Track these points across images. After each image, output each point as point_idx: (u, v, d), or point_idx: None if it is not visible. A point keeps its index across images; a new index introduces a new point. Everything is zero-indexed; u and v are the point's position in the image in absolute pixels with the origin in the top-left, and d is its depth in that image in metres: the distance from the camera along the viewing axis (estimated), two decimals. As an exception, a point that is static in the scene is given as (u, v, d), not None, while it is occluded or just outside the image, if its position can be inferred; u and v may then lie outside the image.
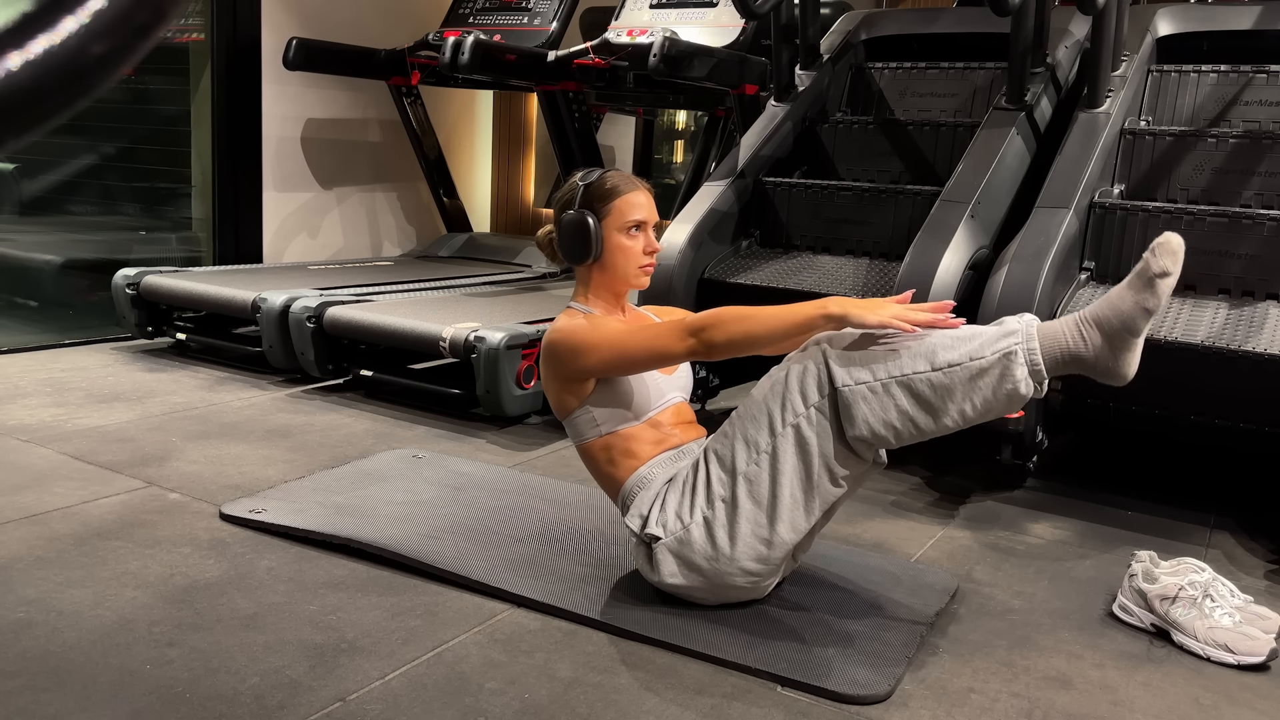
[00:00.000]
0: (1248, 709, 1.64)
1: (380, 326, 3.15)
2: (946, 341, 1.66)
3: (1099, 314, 1.66)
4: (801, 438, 1.70)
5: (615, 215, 1.88)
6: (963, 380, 1.63)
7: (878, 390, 1.65)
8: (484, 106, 5.71)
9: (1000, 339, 1.64)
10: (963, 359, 1.63)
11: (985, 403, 1.64)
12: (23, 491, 2.28)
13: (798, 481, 1.72)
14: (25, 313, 4.28)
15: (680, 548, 1.78)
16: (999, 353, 1.63)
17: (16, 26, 0.45)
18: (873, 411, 1.66)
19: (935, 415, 1.65)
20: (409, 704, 1.52)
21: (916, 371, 1.64)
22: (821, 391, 1.69)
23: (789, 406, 1.71)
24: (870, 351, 1.67)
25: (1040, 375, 1.64)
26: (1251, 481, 2.89)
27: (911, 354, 1.65)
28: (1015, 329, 1.65)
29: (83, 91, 0.47)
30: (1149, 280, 1.64)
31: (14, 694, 1.48)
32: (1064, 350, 1.65)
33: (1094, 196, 2.74)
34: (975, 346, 1.64)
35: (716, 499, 1.76)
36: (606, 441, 1.88)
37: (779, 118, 3.31)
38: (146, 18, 0.47)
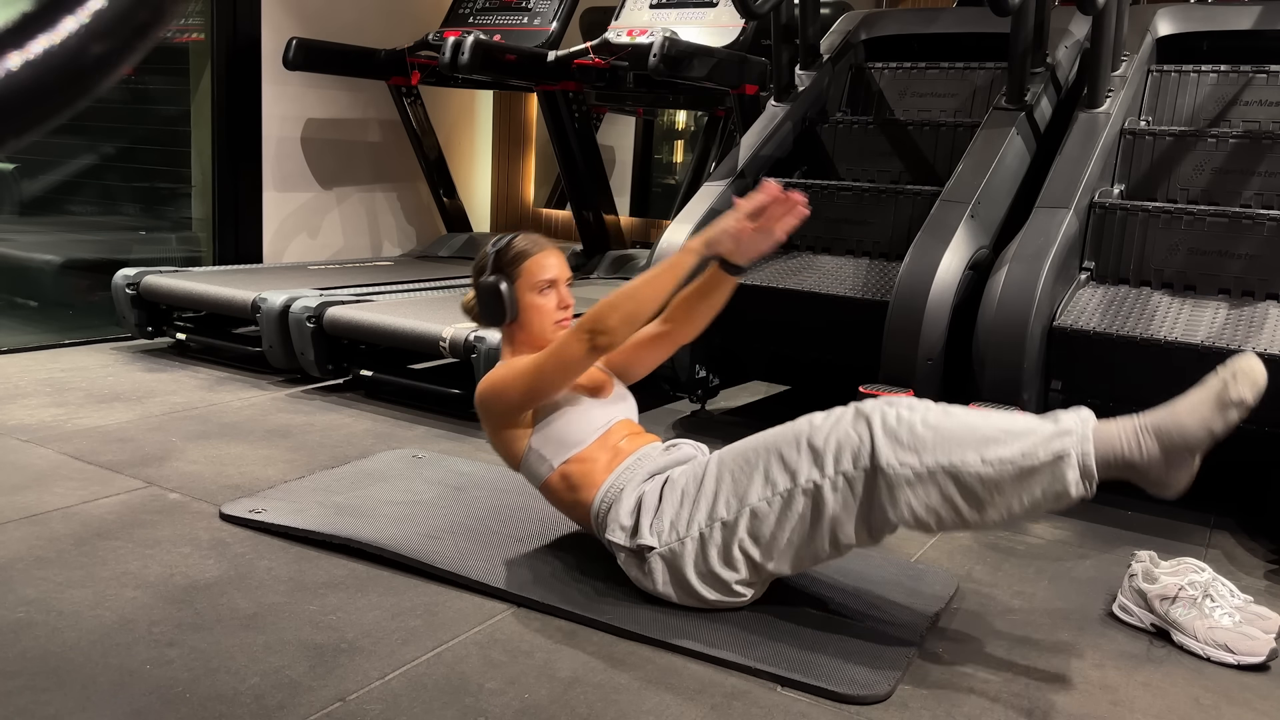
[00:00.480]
0: (1248, 709, 1.64)
1: (380, 326, 3.15)
2: (999, 435, 1.60)
3: (1161, 425, 1.58)
4: (820, 498, 1.68)
5: (526, 277, 1.97)
6: (1012, 477, 1.58)
7: (924, 477, 1.61)
8: (484, 106, 5.71)
9: (1055, 438, 1.58)
10: (1015, 456, 1.58)
11: (1033, 501, 1.60)
12: (23, 491, 2.28)
13: (801, 536, 1.71)
14: (25, 313, 4.28)
15: (672, 558, 1.79)
16: (1052, 453, 1.57)
17: (16, 26, 0.45)
18: (917, 497, 1.62)
19: (980, 509, 1.62)
20: (409, 704, 1.52)
21: (965, 462, 1.60)
22: (858, 464, 1.66)
23: (819, 464, 1.68)
24: (917, 434, 1.63)
25: (1092, 478, 1.58)
26: (1251, 482, 2.89)
27: (960, 442, 1.61)
28: (1071, 429, 1.59)
29: (83, 91, 0.47)
30: (1224, 405, 1.56)
31: (14, 694, 1.48)
32: (1118, 456, 1.58)
33: (1094, 196, 2.74)
34: (1029, 445, 1.58)
35: (718, 520, 1.76)
36: (562, 472, 1.92)
37: (779, 118, 3.31)
38: (146, 18, 0.47)
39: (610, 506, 1.87)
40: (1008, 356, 2.41)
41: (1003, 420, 1.63)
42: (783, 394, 3.64)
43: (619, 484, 1.89)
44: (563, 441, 1.92)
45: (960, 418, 1.65)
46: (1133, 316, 2.46)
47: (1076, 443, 1.57)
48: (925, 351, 2.51)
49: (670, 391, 3.18)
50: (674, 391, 3.18)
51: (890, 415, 1.66)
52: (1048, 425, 1.61)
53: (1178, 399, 1.61)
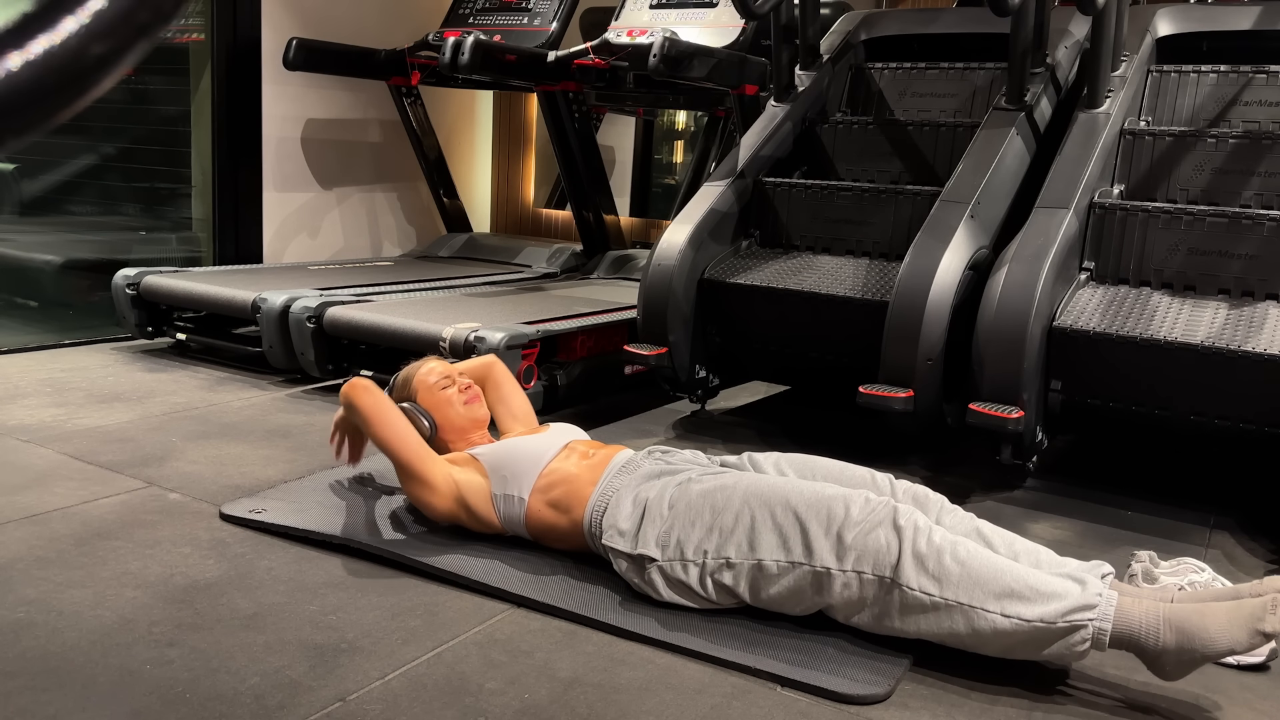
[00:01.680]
0: (1248, 709, 1.64)
1: (380, 326, 3.15)
2: (1024, 589, 1.59)
3: (1186, 626, 1.54)
4: (828, 583, 1.70)
5: (421, 390, 2.22)
6: (1025, 634, 1.59)
7: (939, 605, 1.62)
8: (484, 106, 5.71)
9: (1077, 611, 1.57)
10: (1033, 617, 1.57)
11: (1036, 652, 1.61)
12: (23, 491, 2.28)
13: (793, 599, 1.75)
14: (25, 313, 4.28)
15: (672, 572, 1.80)
16: (1070, 623, 1.57)
17: (16, 26, 0.45)
18: (925, 621, 1.64)
19: (982, 644, 1.63)
20: (409, 704, 1.52)
21: (985, 609, 1.60)
22: (878, 571, 1.66)
23: (840, 555, 1.68)
24: (944, 566, 1.63)
25: (1101, 648, 1.58)
26: (1251, 481, 2.89)
27: (985, 588, 1.61)
28: (1095, 604, 1.57)
29: (83, 92, 0.47)
30: (1255, 632, 1.52)
31: (14, 694, 1.48)
32: (1132, 636, 1.56)
33: (1094, 197, 2.74)
34: (1049, 611, 1.57)
35: (723, 557, 1.77)
36: (543, 500, 1.97)
37: (779, 118, 3.31)
38: (147, 18, 0.47)
39: (604, 511, 1.88)
40: (1008, 356, 2.41)
41: (1031, 574, 1.62)
42: (783, 394, 3.64)
43: (611, 489, 1.90)
44: (519, 473, 1.99)
45: (989, 557, 1.64)
46: (1133, 317, 2.46)
47: (1096, 619, 1.57)
48: (925, 351, 2.51)
49: (670, 391, 3.18)
50: (674, 391, 3.18)
51: (923, 538, 1.66)
52: (1074, 591, 1.59)
53: (1210, 598, 1.60)
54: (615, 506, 1.87)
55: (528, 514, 1.98)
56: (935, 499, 1.90)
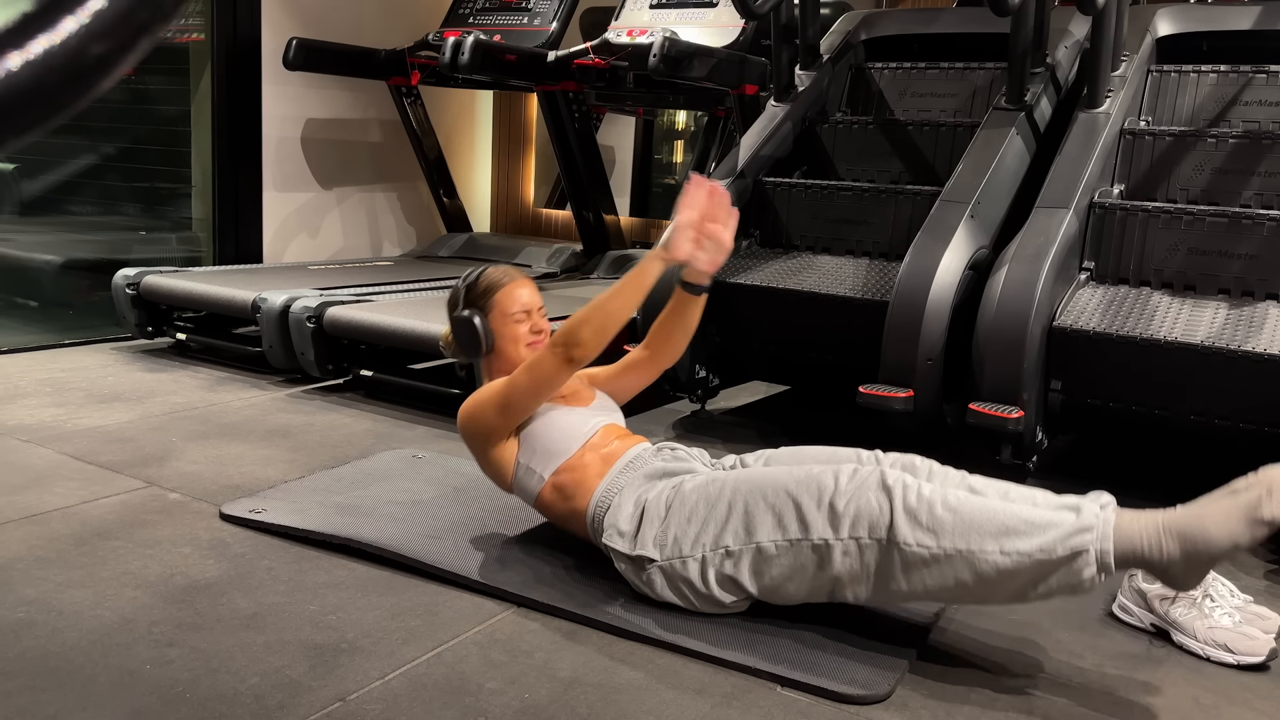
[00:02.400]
0: (1248, 709, 1.64)
1: (380, 326, 3.15)
2: (1019, 524, 1.59)
3: (1186, 530, 1.55)
4: (828, 556, 1.68)
5: (498, 308, 2.03)
6: (1028, 570, 1.58)
7: (939, 557, 1.61)
8: (484, 106, 5.71)
9: (1075, 534, 1.56)
10: (1033, 550, 1.57)
11: (1046, 590, 1.59)
12: (23, 491, 2.28)
13: (801, 583, 1.72)
14: (25, 313, 4.28)
15: (672, 572, 1.79)
16: (1070, 550, 1.56)
17: (16, 26, 0.45)
18: (930, 575, 1.62)
19: (990, 590, 1.61)
20: (409, 704, 1.52)
21: (984, 550, 1.59)
22: (873, 534, 1.65)
23: (835, 525, 1.68)
24: (937, 516, 1.62)
25: (1109, 570, 1.58)
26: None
27: (980, 529, 1.60)
28: (1091, 525, 1.57)
29: (83, 92, 0.47)
30: (1255, 522, 1.52)
31: (14, 694, 1.48)
32: (1136, 553, 1.56)
33: (1094, 196, 2.74)
34: (1049, 540, 1.56)
35: (722, 547, 1.76)
36: (554, 483, 1.93)
37: (779, 118, 3.31)
38: (147, 17, 0.47)
39: (607, 509, 1.87)
40: (1008, 356, 2.41)
41: (1024, 509, 1.61)
42: (783, 394, 3.64)
43: (615, 486, 1.89)
44: (550, 451, 1.94)
45: (981, 502, 1.64)
46: (1132, 316, 2.46)
47: (1096, 540, 1.56)
48: (925, 351, 2.51)
49: (670, 391, 3.18)
50: (674, 391, 3.18)
51: (912, 493, 1.65)
52: (1069, 519, 1.58)
53: (1206, 500, 1.58)
54: (617, 507, 1.86)
55: (540, 494, 1.96)
56: (924, 463, 1.87)
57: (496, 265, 2.11)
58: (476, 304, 2.04)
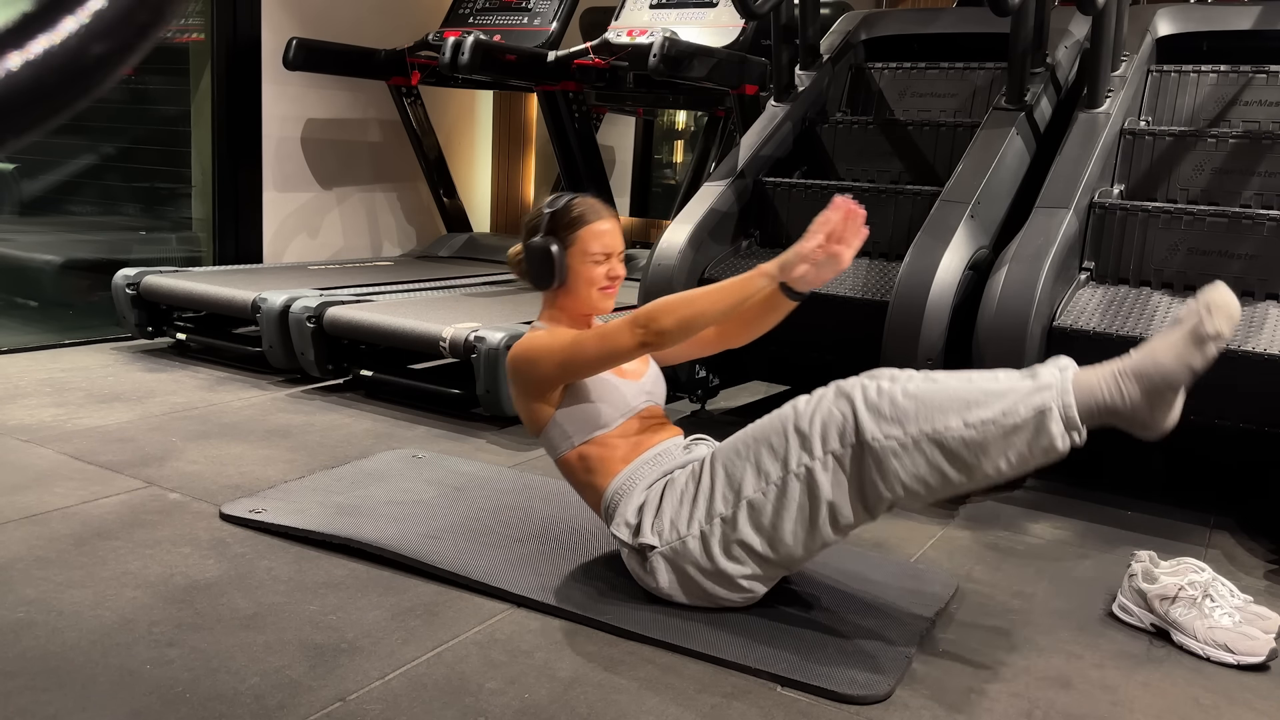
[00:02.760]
0: (1248, 709, 1.64)
1: (380, 326, 3.15)
2: (979, 396, 1.61)
3: (1140, 368, 1.59)
4: (814, 481, 1.68)
5: (580, 244, 1.90)
6: (996, 437, 1.59)
7: (909, 446, 1.61)
8: (484, 106, 5.71)
9: (1035, 394, 1.59)
10: (996, 415, 1.58)
11: (1020, 458, 1.60)
12: (23, 491, 2.28)
13: (801, 521, 1.71)
14: (25, 313, 4.28)
15: (674, 557, 1.78)
16: (1034, 409, 1.57)
17: (16, 26, 0.45)
18: (904, 467, 1.62)
19: (969, 472, 1.62)
20: (409, 704, 1.52)
21: (949, 428, 1.60)
22: (844, 441, 1.66)
23: (807, 447, 1.69)
24: (898, 405, 1.63)
25: (1077, 428, 1.59)
26: (1251, 481, 2.89)
27: (942, 407, 1.61)
28: (1050, 383, 1.60)
29: (83, 92, 0.47)
30: (1200, 340, 1.56)
31: (14, 694, 1.48)
32: (1100, 404, 1.59)
33: (1094, 196, 2.74)
34: (1009, 403, 1.58)
35: (716, 516, 1.75)
36: (581, 452, 1.90)
37: (779, 118, 3.31)
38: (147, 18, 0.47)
39: (621, 500, 1.86)
40: (1008, 356, 2.41)
41: (984, 381, 1.64)
42: (783, 394, 3.64)
43: (635, 478, 1.87)
44: (587, 420, 1.88)
45: (941, 384, 1.65)
46: (1132, 316, 2.46)
47: (1057, 396, 1.58)
48: (925, 351, 2.51)
49: (670, 391, 3.18)
50: (674, 391, 3.18)
51: (871, 389, 1.67)
52: (1027, 382, 1.61)
53: (1154, 339, 1.62)
54: (629, 497, 1.85)
55: (564, 456, 1.92)
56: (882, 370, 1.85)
57: (585, 197, 1.96)
58: (558, 234, 1.90)
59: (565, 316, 1.97)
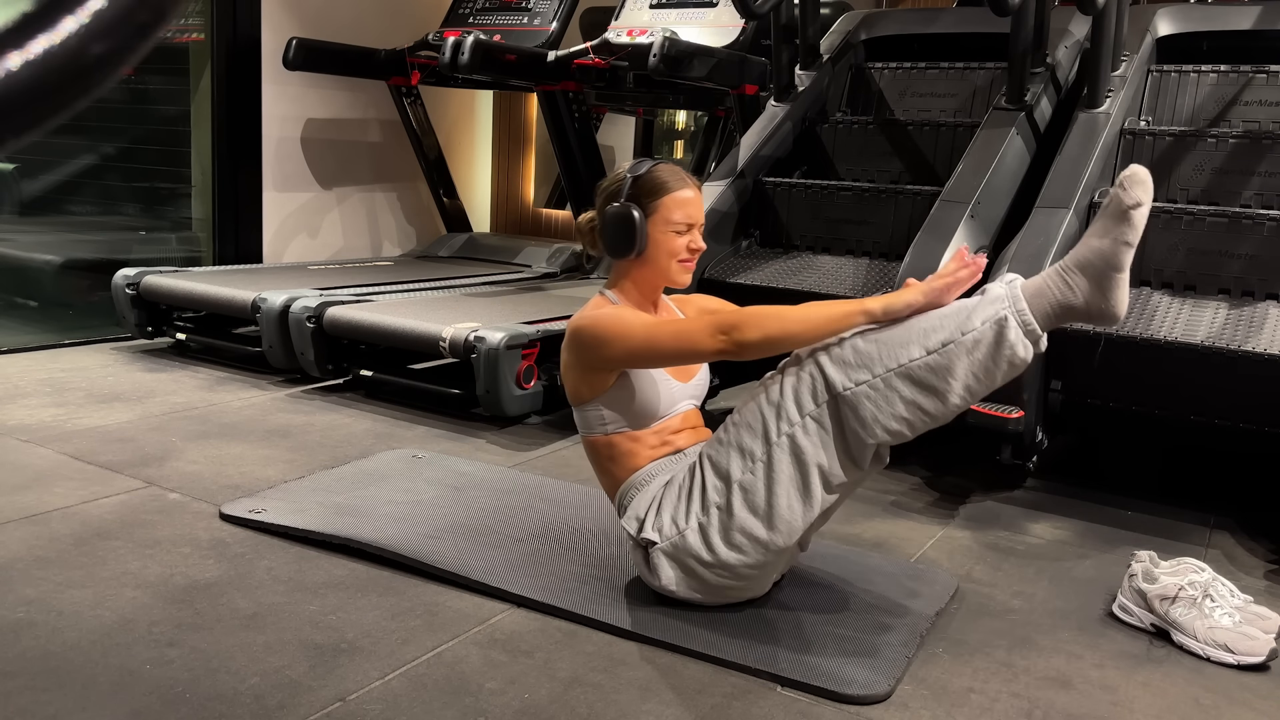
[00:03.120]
0: (1248, 709, 1.64)
1: (380, 326, 3.15)
2: (934, 322, 1.65)
3: (1081, 259, 1.65)
4: (797, 446, 1.69)
5: (662, 212, 1.84)
6: (959, 356, 1.62)
7: (879, 387, 1.64)
8: (484, 106, 5.71)
9: (987, 306, 1.64)
10: (954, 335, 1.63)
11: (987, 373, 1.64)
12: (23, 491, 2.28)
13: (794, 490, 1.71)
14: (25, 313, 4.28)
15: (676, 552, 1.78)
16: (989, 320, 1.62)
17: (16, 26, 0.45)
18: (879, 409, 1.65)
19: (941, 397, 1.64)
20: (409, 704, 1.52)
21: (912, 358, 1.64)
22: (818, 400, 1.68)
23: (784, 415, 1.70)
24: (860, 350, 1.66)
25: (1035, 334, 1.64)
26: (1251, 481, 2.89)
27: (903, 342, 1.65)
28: (1000, 294, 1.65)
29: (83, 91, 0.47)
30: (1123, 214, 1.63)
31: (14, 694, 1.48)
32: (1053, 303, 1.65)
33: (1094, 196, 2.74)
34: (964, 320, 1.64)
35: (712, 505, 1.75)
36: (612, 440, 1.87)
37: (779, 118, 3.31)
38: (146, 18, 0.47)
39: (635, 494, 1.85)
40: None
41: (937, 312, 1.67)
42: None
43: (651, 474, 1.85)
44: (630, 414, 1.85)
45: (898, 325, 1.68)
46: (1133, 316, 2.46)
47: (1009, 304, 1.64)
48: (925, 351, 2.50)
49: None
50: (674, 391, 3.17)
51: (834, 346, 1.70)
52: (976, 299, 1.66)
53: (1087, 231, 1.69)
54: (642, 495, 1.84)
55: (594, 437, 1.88)
56: None
57: (669, 164, 1.90)
58: (640, 201, 1.84)
59: (637, 289, 1.91)
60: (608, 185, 1.91)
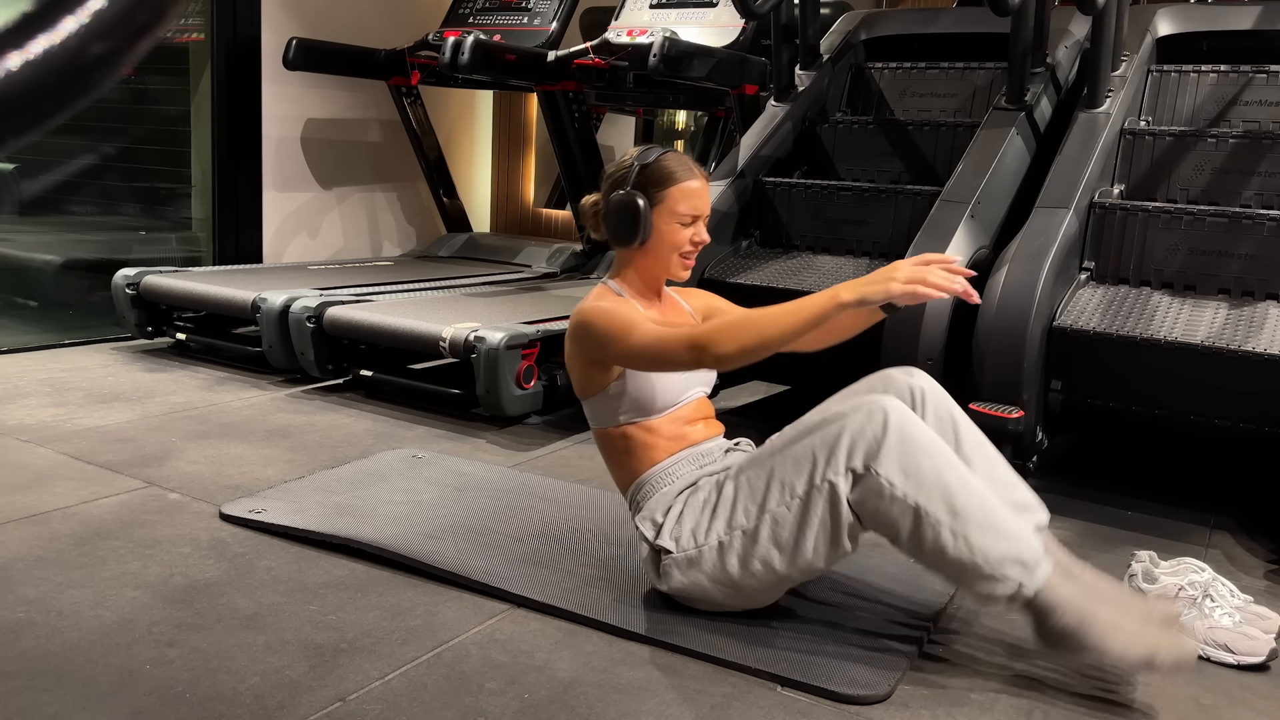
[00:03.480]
0: (1248, 709, 1.64)
1: (380, 326, 3.15)
2: (983, 521, 1.58)
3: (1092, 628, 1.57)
4: (836, 495, 1.64)
5: (668, 202, 1.82)
6: (957, 562, 1.59)
7: (897, 498, 1.59)
8: (484, 106, 5.71)
9: (1017, 565, 1.58)
10: (976, 549, 1.58)
11: (959, 582, 1.63)
12: (23, 491, 2.28)
13: (824, 535, 1.67)
14: (25, 313, 4.28)
15: (689, 566, 1.76)
16: (1002, 574, 1.58)
17: (16, 26, 0.45)
18: (882, 509, 1.61)
19: (917, 550, 1.62)
20: (409, 704, 1.52)
21: (938, 520, 1.58)
22: (866, 461, 1.62)
23: (833, 461, 1.64)
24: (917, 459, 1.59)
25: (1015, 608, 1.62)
26: (1251, 481, 2.89)
27: (948, 501, 1.58)
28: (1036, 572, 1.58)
29: (83, 91, 0.47)
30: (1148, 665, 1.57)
31: (14, 694, 1.48)
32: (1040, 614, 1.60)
33: (1094, 196, 2.74)
34: (994, 554, 1.57)
35: (737, 528, 1.72)
36: (625, 432, 1.85)
37: (779, 118, 3.31)
38: (146, 17, 0.47)
39: (652, 494, 1.83)
40: (1008, 356, 2.42)
41: (995, 507, 1.60)
42: (783, 394, 3.64)
43: (668, 473, 1.83)
44: (640, 403, 1.82)
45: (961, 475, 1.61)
46: (1133, 316, 2.46)
47: (1028, 588, 1.58)
48: (925, 351, 2.51)
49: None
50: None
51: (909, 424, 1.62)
52: (1026, 551, 1.58)
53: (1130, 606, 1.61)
54: (660, 495, 1.82)
55: (606, 429, 1.86)
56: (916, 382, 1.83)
57: (676, 152, 1.87)
58: (646, 190, 1.82)
59: (640, 278, 1.90)
60: (614, 170, 1.89)
